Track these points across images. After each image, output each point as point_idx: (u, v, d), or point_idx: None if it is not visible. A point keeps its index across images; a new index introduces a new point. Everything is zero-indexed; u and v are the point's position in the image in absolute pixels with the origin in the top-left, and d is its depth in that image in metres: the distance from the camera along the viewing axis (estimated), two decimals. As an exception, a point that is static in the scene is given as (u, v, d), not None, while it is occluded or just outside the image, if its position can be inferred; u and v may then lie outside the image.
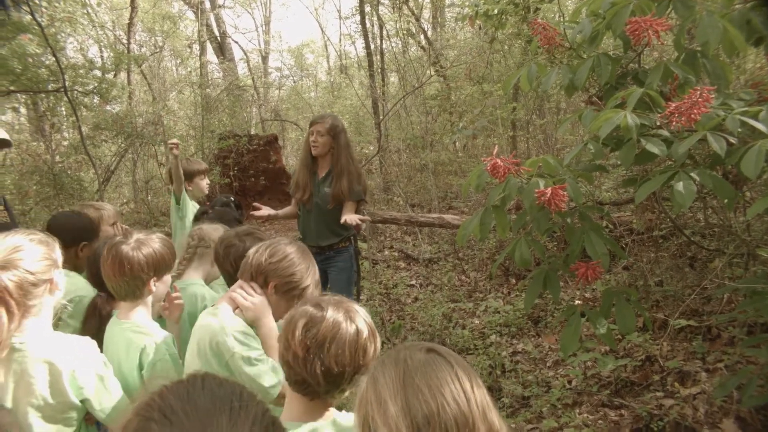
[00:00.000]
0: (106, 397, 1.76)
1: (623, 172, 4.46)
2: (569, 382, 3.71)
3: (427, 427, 0.96)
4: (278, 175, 10.94)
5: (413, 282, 6.30)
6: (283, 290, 1.90)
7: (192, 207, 3.88)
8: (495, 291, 5.65)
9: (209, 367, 1.83)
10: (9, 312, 1.59)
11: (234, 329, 1.83)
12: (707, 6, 2.08)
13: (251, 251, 1.94)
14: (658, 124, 1.99)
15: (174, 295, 2.27)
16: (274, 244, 1.94)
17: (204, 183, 4.05)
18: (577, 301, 4.57)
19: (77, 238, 2.60)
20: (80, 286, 2.38)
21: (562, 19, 6.42)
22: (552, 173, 2.20)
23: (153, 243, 2.04)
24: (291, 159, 14.75)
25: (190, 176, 3.96)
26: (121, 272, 1.96)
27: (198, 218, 3.36)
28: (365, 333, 1.40)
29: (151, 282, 2.02)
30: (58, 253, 1.79)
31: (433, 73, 10.37)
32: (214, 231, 2.66)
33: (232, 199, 3.54)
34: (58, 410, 1.69)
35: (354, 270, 3.81)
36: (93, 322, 2.17)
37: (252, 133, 12.22)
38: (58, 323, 1.86)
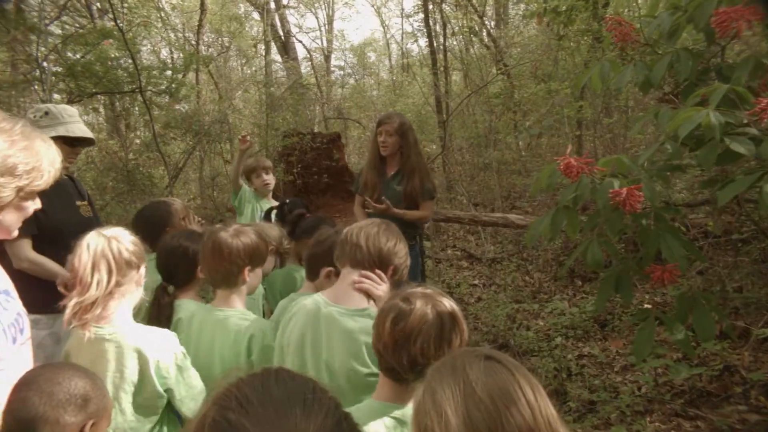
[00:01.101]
0: (186, 388, 1.83)
1: (697, 173, 4.26)
2: (639, 388, 3.58)
3: None
4: (341, 172, 11.06)
5: (476, 282, 6.24)
6: (396, 273, 1.89)
7: (254, 206, 3.97)
8: (560, 292, 5.52)
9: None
10: (109, 273, 1.72)
11: None
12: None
13: (359, 238, 1.87)
14: (745, 122, 1.89)
15: None
16: (375, 227, 1.89)
17: (259, 181, 4.04)
18: (646, 305, 4.42)
19: (163, 226, 2.75)
20: None
21: (637, 13, 6.19)
22: (626, 173, 2.14)
23: (250, 233, 2.11)
24: (353, 157, 14.86)
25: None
26: (220, 257, 2.02)
27: (268, 216, 3.41)
28: (450, 325, 1.42)
29: (246, 270, 2.07)
30: (143, 253, 1.89)
31: (497, 71, 10.22)
32: (269, 228, 2.72)
33: (287, 201, 3.43)
34: (147, 397, 1.79)
35: (419, 269, 3.80)
36: (152, 309, 2.25)
37: (315, 131, 12.38)
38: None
